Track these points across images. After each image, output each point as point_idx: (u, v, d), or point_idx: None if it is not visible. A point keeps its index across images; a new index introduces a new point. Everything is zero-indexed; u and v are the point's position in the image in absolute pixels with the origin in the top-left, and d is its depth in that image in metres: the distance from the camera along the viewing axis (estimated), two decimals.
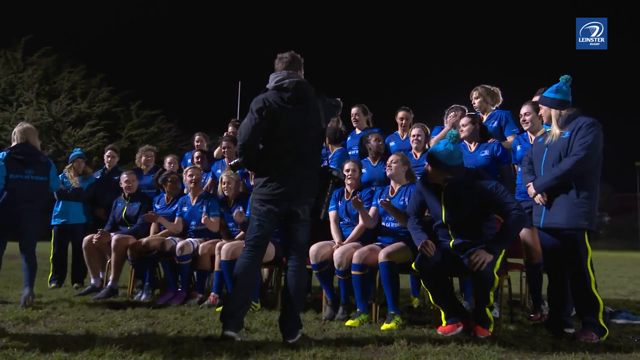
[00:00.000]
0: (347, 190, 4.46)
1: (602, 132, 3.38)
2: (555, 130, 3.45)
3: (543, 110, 3.53)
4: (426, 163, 3.65)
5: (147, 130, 33.23)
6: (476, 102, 4.82)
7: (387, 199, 4.01)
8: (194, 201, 5.10)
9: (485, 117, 4.76)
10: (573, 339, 3.26)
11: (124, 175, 5.50)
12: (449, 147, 3.54)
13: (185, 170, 5.38)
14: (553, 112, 3.46)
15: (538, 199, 3.49)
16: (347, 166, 4.44)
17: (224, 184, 4.93)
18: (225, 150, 5.49)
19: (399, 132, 5.20)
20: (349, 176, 4.37)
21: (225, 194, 4.98)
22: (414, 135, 4.74)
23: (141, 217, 5.27)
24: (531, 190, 3.52)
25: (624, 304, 5.11)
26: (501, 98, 4.86)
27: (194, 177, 5.11)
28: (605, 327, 3.29)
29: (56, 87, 31.16)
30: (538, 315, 4.10)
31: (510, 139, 4.56)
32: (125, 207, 5.43)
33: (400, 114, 5.17)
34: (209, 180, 5.54)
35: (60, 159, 20.73)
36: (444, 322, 3.52)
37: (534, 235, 4.03)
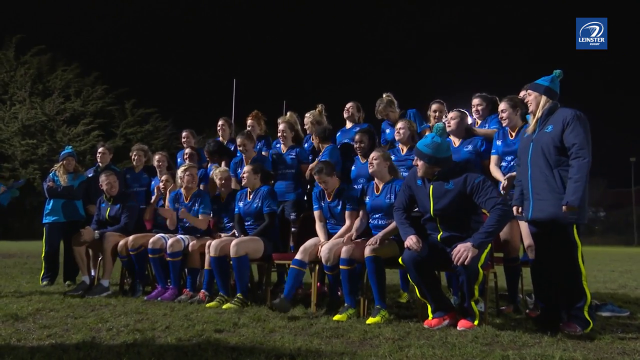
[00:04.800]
0: (326, 191, 4.40)
1: (588, 123, 3.38)
2: (538, 115, 3.43)
3: (533, 96, 3.51)
4: (415, 157, 3.67)
5: (142, 129, 33.19)
6: (380, 109, 5.19)
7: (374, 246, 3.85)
8: (188, 199, 5.12)
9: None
10: (556, 331, 3.30)
11: (103, 177, 5.41)
12: (436, 140, 3.57)
13: (181, 168, 5.38)
14: (543, 98, 3.47)
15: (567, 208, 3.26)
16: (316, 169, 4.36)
17: (220, 181, 5.00)
18: (242, 147, 5.29)
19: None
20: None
21: (223, 190, 5.05)
22: (398, 129, 4.70)
23: (125, 215, 5.29)
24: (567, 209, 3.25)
25: (611, 297, 5.16)
26: (395, 101, 5.23)
27: (187, 174, 5.12)
28: (589, 320, 3.30)
29: (50, 86, 31.06)
30: (511, 307, 4.16)
31: (427, 132, 4.73)
32: (109, 209, 5.42)
33: (434, 106, 5.08)
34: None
35: (55, 158, 20.70)
36: (431, 316, 3.55)
37: (512, 230, 4.08)
